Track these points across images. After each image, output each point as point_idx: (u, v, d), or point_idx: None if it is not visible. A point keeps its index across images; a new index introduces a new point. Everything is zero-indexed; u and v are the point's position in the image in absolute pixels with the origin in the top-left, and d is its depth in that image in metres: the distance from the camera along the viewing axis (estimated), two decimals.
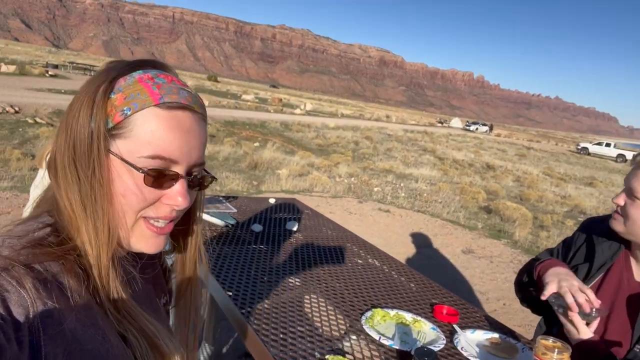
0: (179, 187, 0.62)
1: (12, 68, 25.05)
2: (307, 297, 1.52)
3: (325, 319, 1.40)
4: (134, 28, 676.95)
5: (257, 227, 2.10)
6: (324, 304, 1.49)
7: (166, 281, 0.82)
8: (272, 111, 30.94)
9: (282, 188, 7.88)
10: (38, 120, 10.86)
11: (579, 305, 1.19)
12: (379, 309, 1.48)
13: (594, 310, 1.20)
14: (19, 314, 0.47)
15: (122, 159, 0.58)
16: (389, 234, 5.46)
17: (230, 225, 2.07)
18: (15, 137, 8.84)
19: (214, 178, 0.68)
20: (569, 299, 1.20)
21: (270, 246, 1.94)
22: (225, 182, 8.10)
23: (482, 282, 4.44)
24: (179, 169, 0.61)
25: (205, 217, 2.06)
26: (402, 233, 5.55)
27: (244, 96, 44.34)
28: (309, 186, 8.38)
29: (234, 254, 1.79)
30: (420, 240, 5.40)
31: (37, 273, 0.51)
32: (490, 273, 4.68)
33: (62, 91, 17.60)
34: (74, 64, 36.46)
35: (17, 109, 11.43)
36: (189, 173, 0.63)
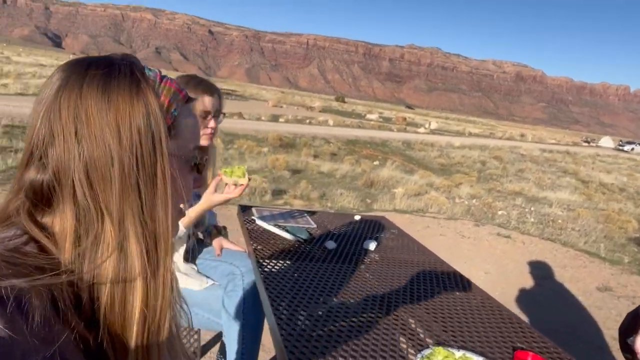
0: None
1: None
2: (361, 324, 1.37)
3: (375, 352, 1.23)
4: (273, 55, 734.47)
5: (330, 244, 2.00)
6: (378, 335, 1.32)
7: None
8: (395, 130, 30.82)
9: (394, 207, 7.66)
10: None
11: None
12: (441, 348, 1.27)
13: None
14: None
15: (182, 157, 0.64)
16: (505, 261, 4.90)
17: (302, 240, 2.00)
18: None
19: None
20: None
21: (339, 265, 1.82)
22: (338, 199, 8.14)
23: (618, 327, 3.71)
24: None
25: (276, 230, 2.02)
26: (522, 262, 4.94)
27: (368, 115, 44.94)
28: (423, 206, 8.02)
29: (297, 270, 1.71)
30: (544, 272, 4.75)
31: None
32: None
33: None
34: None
35: None
36: None
